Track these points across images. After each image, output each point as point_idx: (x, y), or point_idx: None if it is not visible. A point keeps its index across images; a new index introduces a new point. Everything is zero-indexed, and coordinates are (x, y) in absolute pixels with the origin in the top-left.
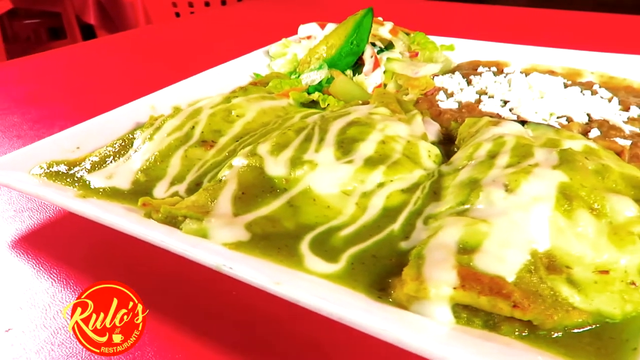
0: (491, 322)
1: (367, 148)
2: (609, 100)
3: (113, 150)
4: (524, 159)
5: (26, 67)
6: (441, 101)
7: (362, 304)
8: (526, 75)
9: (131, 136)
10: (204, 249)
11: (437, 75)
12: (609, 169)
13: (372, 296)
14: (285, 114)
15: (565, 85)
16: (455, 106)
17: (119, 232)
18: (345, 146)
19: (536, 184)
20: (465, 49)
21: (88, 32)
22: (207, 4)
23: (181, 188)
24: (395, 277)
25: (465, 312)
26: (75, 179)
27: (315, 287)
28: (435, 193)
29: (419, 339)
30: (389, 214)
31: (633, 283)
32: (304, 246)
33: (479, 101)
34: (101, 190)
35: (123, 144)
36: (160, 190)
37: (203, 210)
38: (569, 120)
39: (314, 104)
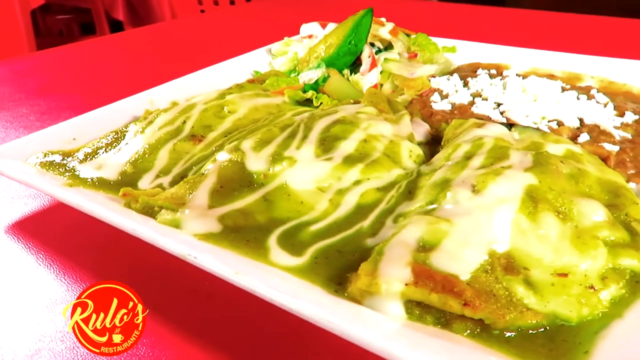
0: (443, 319)
1: (347, 146)
2: (605, 106)
3: (106, 142)
4: (499, 160)
5: (41, 61)
6: (435, 102)
7: (316, 297)
8: (524, 78)
9: (125, 129)
10: (172, 238)
11: (435, 77)
12: (585, 173)
13: (329, 290)
14: (278, 112)
15: (563, 89)
16: (448, 107)
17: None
18: (327, 144)
19: (504, 186)
20: (468, 51)
21: (117, 28)
22: (232, 2)
23: (166, 180)
24: (354, 272)
25: (417, 309)
26: (68, 168)
27: (273, 279)
28: (410, 192)
29: (362, 331)
30: (361, 211)
31: (592, 287)
32: (272, 240)
33: (472, 103)
34: (89, 180)
35: (116, 136)
36: (146, 182)
37: (180, 202)
38: (560, 124)
39: (309, 102)
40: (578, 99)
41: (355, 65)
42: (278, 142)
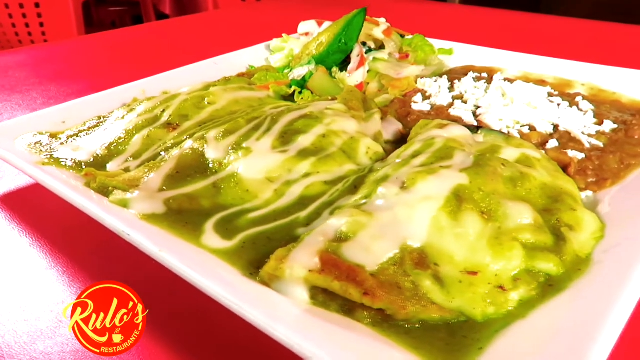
0: (346, 307)
1: (305, 140)
2: (585, 113)
3: (89, 125)
4: (441, 160)
5: (61, 49)
6: (415, 103)
7: (227, 277)
8: (511, 83)
9: (109, 115)
10: (115, 216)
11: (423, 78)
12: (527, 177)
13: (244, 272)
14: (259, 105)
15: (550, 95)
16: (427, 108)
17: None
18: (287, 137)
19: (433, 184)
20: (466, 54)
21: None
22: None
23: (134, 164)
24: None
25: (322, 296)
26: (50, 148)
27: (193, 258)
28: (355, 187)
29: (252, 309)
30: (303, 202)
31: (502, 287)
32: (209, 224)
33: (451, 105)
34: (63, 160)
35: (99, 121)
36: (114, 165)
37: (134, 183)
38: (532, 129)
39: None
40: (559, 105)
41: (345, 64)
42: (241, 133)
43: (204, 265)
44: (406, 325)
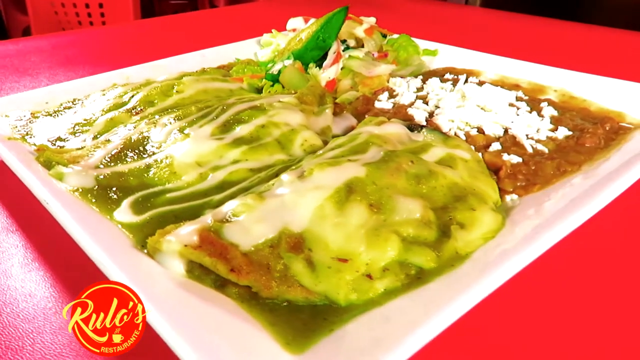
0: (219, 282)
1: (244, 130)
2: (542, 119)
3: (65, 107)
4: (355, 154)
5: (79, 37)
6: (380, 101)
7: (116, 245)
8: (480, 86)
9: (85, 98)
10: (44, 184)
11: (395, 77)
12: (435, 175)
13: (137, 244)
14: (227, 96)
15: (519, 100)
16: (389, 106)
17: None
18: (228, 126)
19: (329, 175)
20: (451, 55)
21: None
22: None
23: (90, 144)
24: None
25: (198, 270)
26: (24, 126)
27: (96, 228)
28: (277, 175)
29: (119, 270)
30: (222, 186)
31: (369, 276)
32: (128, 200)
33: (411, 104)
34: (30, 136)
35: (74, 103)
36: (73, 143)
37: (76, 160)
38: (480, 131)
39: None
40: (518, 109)
41: (323, 60)
42: (188, 120)
43: (97, 233)
44: (271, 304)
